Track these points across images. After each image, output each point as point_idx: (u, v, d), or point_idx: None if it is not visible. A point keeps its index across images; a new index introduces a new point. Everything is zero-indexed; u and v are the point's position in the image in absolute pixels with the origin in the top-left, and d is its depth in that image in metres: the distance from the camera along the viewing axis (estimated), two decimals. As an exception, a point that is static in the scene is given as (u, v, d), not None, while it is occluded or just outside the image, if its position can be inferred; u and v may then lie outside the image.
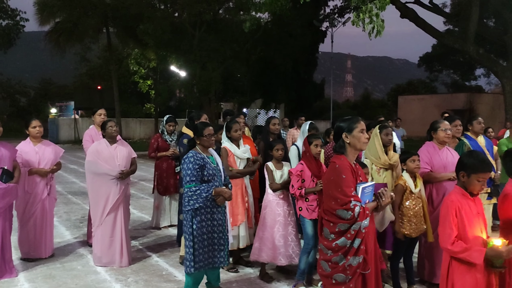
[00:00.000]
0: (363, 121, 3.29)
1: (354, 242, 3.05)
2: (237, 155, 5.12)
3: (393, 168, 4.74)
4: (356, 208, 3.00)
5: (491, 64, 16.92)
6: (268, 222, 4.81)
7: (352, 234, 3.04)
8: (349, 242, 3.05)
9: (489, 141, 6.29)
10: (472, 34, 15.68)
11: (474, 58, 17.38)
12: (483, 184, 3.01)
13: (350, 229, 3.04)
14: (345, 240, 3.05)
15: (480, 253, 2.83)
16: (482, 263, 2.86)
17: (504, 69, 16.00)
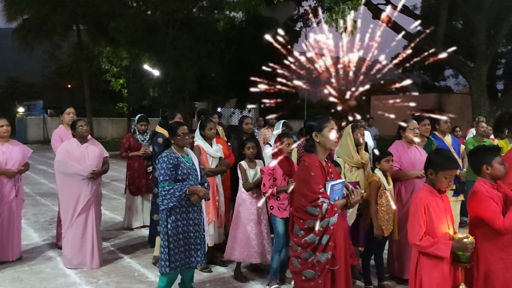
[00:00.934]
0: (334, 121, 3.34)
1: (322, 239, 3.11)
2: (210, 153, 5.11)
3: (365, 167, 4.82)
4: (324, 205, 3.07)
5: (459, 65, 17.36)
6: (242, 220, 4.82)
7: (320, 231, 3.10)
8: (317, 238, 3.11)
9: (456, 140, 6.47)
10: (441, 35, 16.05)
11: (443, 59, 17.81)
12: (450, 181, 3.11)
13: (318, 226, 3.09)
14: (314, 236, 3.11)
15: (447, 246, 2.93)
16: (449, 256, 2.94)
17: (471, 70, 16.45)
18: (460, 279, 3.05)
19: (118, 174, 13.19)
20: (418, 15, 24.75)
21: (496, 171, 3.18)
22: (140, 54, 17.91)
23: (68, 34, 24.93)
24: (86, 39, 24.71)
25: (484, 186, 3.21)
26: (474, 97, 16.06)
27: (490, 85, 23.51)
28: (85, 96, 23.64)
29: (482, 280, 3.20)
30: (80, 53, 24.59)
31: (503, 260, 3.16)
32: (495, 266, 3.17)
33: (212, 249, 5.23)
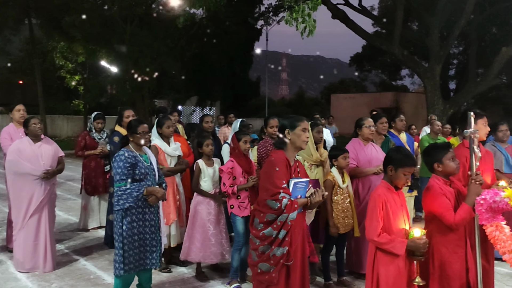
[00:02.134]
0: (307, 121, 3.43)
1: (279, 233, 3.17)
2: (168, 152, 5.01)
3: (324, 165, 4.87)
4: (284, 200, 3.13)
5: (414, 65, 17.93)
6: (199, 221, 4.76)
7: (278, 225, 3.16)
8: (275, 232, 3.17)
9: (410, 138, 6.68)
10: (397, 36, 16.51)
11: (399, 59, 18.34)
12: (407, 178, 3.20)
13: (277, 220, 3.16)
14: (272, 230, 3.17)
15: (402, 245, 3.02)
16: (404, 254, 3.02)
17: (426, 70, 17.03)
18: (415, 273, 3.14)
19: (74, 174, 12.76)
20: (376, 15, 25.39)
21: (447, 167, 3.27)
22: (97, 50, 17.38)
23: (19, 28, 23.83)
24: (39, 33, 23.68)
25: (437, 182, 3.30)
26: (428, 96, 16.65)
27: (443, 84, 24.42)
28: (38, 93, 22.73)
29: (437, 273, 3.30)
30: (33, 48, 23.56)
31: (456, 253, 3.27)
32: (449, 259, 3.27)
33: (172, 249, 5.15)
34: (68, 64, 23.20)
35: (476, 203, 2.96)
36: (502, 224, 2.88)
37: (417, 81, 37.39)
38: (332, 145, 6.46)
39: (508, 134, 5.88)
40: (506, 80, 26.76)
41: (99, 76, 20.90)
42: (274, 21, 22.09)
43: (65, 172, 6.60)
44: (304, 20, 9.31)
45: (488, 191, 2.94)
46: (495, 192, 2.89)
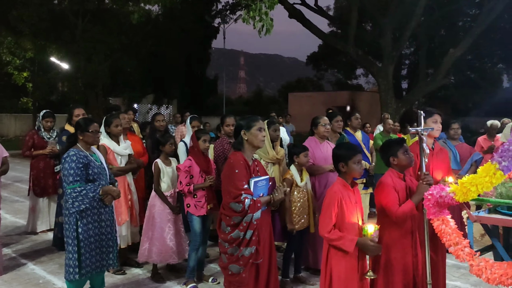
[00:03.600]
0: (262, 121, 3.45)
1: (246, 234, 3.22)
2: (117, 151, 4.87)
3: (280, 163, 4.90)
4: (246, 201, 3.17)
5: (369, 65, 18.42)
6: (158, 221, 4.68)
7: (244, 226, 3.21)
8: (242, 234, 3.21)
9: (366, 136, 6.83)
10: (352, 36, 16.90)
11: (354, 59, 18.79)
12: (360, 166, 3.28)
13: (242, 221, 3.20)
14: (239, 232, 3.21)
15: (352, 242, 3.10)
16: (352, 250, 3.10)
17: (379, 69, 17.53)
18: (366, 267, 3.22)
19: (22, 175, 12.19)
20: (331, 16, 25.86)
21: (401, 161, 3.41)
22: (47, 46, 16.69)
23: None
24: (-17, 28, 22.49)
25: (391, 176, 3.44)
26: (382, 95, 17.14)
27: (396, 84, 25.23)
28: (-17, 90, 21.60)
29: (383, 267, 3.41)
30: (-24, 43, 22.34)
31: (402, 247, 3.39)
32: (395, 253, 3.37)
33: (126, 250, 5.03)
34: (15, 60, 22.10)
35: (424, 199, 3.07)
36: (448, 218, 2.99)
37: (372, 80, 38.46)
38: (288, 143, 6.50)
39: (459, 132, 6.14)
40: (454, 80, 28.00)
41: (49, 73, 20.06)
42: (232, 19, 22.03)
43: (13, 173, 6.32)
44: (261, 19, 9.34)
45: (435, 186, 3.04)
46: (441, 187, 2.99)
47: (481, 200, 2.94)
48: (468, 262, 2.80)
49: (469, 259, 2.78)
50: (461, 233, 2.93)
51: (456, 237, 2.89)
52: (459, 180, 2.91)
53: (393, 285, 3.35)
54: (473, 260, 2.76)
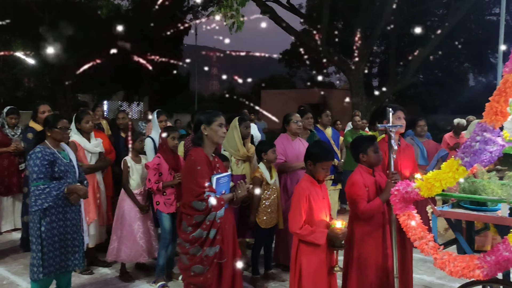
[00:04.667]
0: (223, 116, 3.37)
1: (210, 233, 3.10)
2: (88, 149, 4.78)
3: (251, 160, 4.90)
4: (210, 199, 3.06)
5: (340, 63, 18.63)
6: (127, 219, 4.61)
7: (208, 225, 3.09)
8: (205, 233, 3.10)
9: (336, 133, 6.91)
10: (323, 34, 17.03)
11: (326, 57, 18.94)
12: (326, 171, 3.32)
13: (205, 220, 3.09)
14: (201, 231, 3.09)
15: (323, 235, 3.14)
16: (325, 243, 3.14)
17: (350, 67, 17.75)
18: (334, 262, 3.27)
19: (-13, 173, 11.80)
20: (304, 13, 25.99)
21: (371, 158, 3.49)
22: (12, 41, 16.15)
23: None
24: None
25: (360, 171, 3.52)
26: (353, 93, 17.37)
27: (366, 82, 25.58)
28: None
29: (356, 261, 3.48)
30: None
31: (373, 242, 3.47)
32: (367, 248, 3.46)
33: (94, 250, 4.93)
34: (-22, 55, 21.35)
35: (391, 194, 3.13)
36: (413, 213, 3.05)
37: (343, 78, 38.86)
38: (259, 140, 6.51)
39: (425, 129, 6.29)
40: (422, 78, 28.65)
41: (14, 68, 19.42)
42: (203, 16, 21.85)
43: (-26, 171, 6.06)
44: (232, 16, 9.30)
45: (401, 182, 3.11)
46: (407, 183, 3.06)
47: (445, 195, 3.01)
48: (432, 256, 2.86)
49: (433, 253, 2.85)
50: (426, 227, 3.00)
51: (421, 232, 2.96)
52: (423, 176, 2.98)
53: (366, 278, 3.42)
54: (437, 254, 2.83)
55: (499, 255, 2.53)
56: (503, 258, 2.51)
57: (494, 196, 2.84)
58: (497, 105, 2.64)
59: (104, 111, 7.26)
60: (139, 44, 18.83)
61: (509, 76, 2.63)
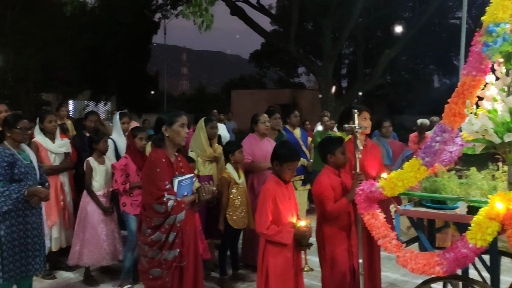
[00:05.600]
0: (185, 115, 3.30)
1: (169, 236, 3.03)
2: (50, 149, 4.65)
3: (218, 160, 4.87)
4: (169, 202, 2.98)
5: (309, 64, 18.83)
6: (90, 222, 4.52)
7: (167, 228, 3.02)
8: (163, 236, 3.02)
9: (305, 133, 6.96)
10: (293, 35, 17.16)
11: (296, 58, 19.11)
12: (293, 172, 3.34)
13: (165, 223, 3.01)
14: (160, 234, 3.02)
15: (290, 234, 3.17)
16: (291, 242, 3.16)
17: (320, 68, 17.96)
18: (302, 262, 3.28)
19: None
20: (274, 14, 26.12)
21: (338, 160, 3.54)
22: (-29, 37, 15.56)
23: None
24: None
25: (327, 173, 3.56)
26: (322, 93, 17.57)
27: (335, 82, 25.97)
28: None
29: (329, 261, 3.53)
30: None
31: (341, 242, 3.52)
32: (335, 248, 3.51)
33: (57, 254, 4.81)
34: None
35: (356, 194, 3.17)
36: (377, 212, 3.11)
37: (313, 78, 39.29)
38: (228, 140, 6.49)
39: (390, 130, 6.42)
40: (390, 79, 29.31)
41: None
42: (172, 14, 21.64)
43: None
44: (201, 15, 9.26)
45: (366, 182, 3.16)
46: (371, 183, 3.11)
47: (407, 194, 3.08)
48: (395, 254, 2.92)
49: (396, 251, 2.91)
50: (389, 226, 3.06)
51: (384, 230, 3.01)
52: (387, 176, 3.04)
53: (337, 277, 3.47)
54: (399, 252, 2.89)
55: (457, 252, 2.60)
56: (462, 254, 2.58)
57: (453, 195, 2.92)
58: (455, 106, 2.72)
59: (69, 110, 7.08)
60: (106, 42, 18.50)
61: (466, 78, 2.71)
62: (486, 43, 2.56)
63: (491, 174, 3.02)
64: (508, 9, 2.59)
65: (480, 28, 2.69)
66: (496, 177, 3.00)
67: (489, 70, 2.73)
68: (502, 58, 2.64)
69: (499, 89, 2.71)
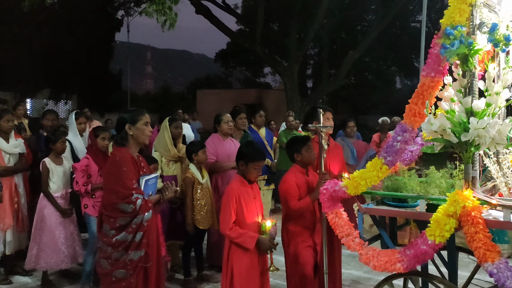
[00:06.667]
0: (148, 114, 3.25)
1: (135, 236, 3.00)
2: (5, 149, 4.48)
3: (182, 160, 4.82)
4: (138, 201, 2.97)
5: (275, 64, 18.92)
6: (48, 224, 4.38)
7: (134, 228, 2.99)
8: (130, 236, 2.98)
9: (270, 133, 6.99)
10: (259, 35, 17.19)
11: (261, 58, 19.16)
12: (258, 171, 3.34)
13: (132, 223, 2.99)
14: (126, 234, 2.98)
15: (252, 240, 3.15)
16: (253, 247, 3.16)
17: (285, 68, 18.06)
18: (267, 263, 3.28)
19: None
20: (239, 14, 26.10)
21: (304, 158, 3.60)
22: None
23: None
24: None
25: (294, 171, 3.61)
26: (288, 93, 17.70)
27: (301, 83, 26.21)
28: None
29: (293, 258, 3.56)
30: None
31: (305, 241, 3.56)
32: (299, 246, 3.54)
33: (12, 258, 4.63)
34: None
35: (320, 193, 3.20)
36: (341, 211, 3.15)
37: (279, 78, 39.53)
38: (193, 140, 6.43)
39: (355, 130, 6.54)
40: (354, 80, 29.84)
41: None
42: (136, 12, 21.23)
43: None
44: (165, 13, 9.14)
45: (330, 181, 3.19)
46: (335, 182, 3.15)
47: (370, 193, 3.13)
48: (358, 252, 2.96)
49: (358, 249, 2.95)
50: (352, 224, 3.10)
51: (347, 229, 3.05)
52: (350, 175, 3.08)
53: (301, 274, 3.50)
54: (362, 250, 2.93)
55: (417, 249, 2.67)
56: (421, 251, 2.64)
57: (413, 193, 2.99)
58: (415, 107, 2.78)
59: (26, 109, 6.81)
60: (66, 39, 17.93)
61: (425, 79, 2.78)
62: (444, 45, 2.63)
63: (449, 172, 3.12)
64: (465, 12, 2.68)
65: (438, 31, 2.76)
66: (454, 176, 3.10)
67: (447, 71, 2.81)
68: (459, 60, 2.72)
69: (456, 90, 2.80)
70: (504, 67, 3.07)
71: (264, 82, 43.17)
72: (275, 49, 25.13)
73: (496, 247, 2.50)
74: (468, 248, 2.76)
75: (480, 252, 2.48)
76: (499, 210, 2.67)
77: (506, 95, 2.81)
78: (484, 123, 2.55)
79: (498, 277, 2.42)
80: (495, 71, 2.85)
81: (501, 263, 2.44)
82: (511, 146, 2.79)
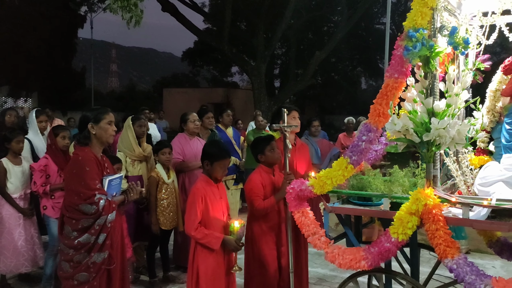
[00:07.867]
0: (112, 113, 3.17)
1: (99, 238, 2.92)
2: (-42, 150, 4.27)
3: (148, 160, 4.74)
4: (101, 202, 2.90)
5: (242, 63, 18.91)
6: (7, 227, 4.24)
7: (97, 230, 2.92)
8: (93, 238, 2.91)
9: (237, 132, 6.98)
10: (226, 34, 17.14)
11: (229, 57, 19.10)
12: (224, 170, 3.31)
13: (95, 224, 2.91)
14: (89, 236, 2.90)
15: (217, 240, 3.13)
16: (219, 248, 3.13)
17: (253, 68, 18.09)
18: (233, 262, 3.27)
19: None
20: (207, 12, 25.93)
21: (268, 158, 3.61)
22: None
23: None
24: None
25: (260, 171, 3.62)
26: (255, 93, 17.73)
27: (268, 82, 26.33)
28: None
29: (256, 259, 3.56)
30: None
31: (270, 241, 3.59)
32: (264, 246, 3.56)
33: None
34: None
35: (287, 193, 3.21)
36: (307, 210, 3.17)
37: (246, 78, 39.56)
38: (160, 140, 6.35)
39: (319, 129, 6.61)
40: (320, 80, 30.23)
41: None
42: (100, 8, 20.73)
43: None
44: (130, 10, 8.97)
45: (296, 181, 3.20)
46: (301, 181, 3.16)
47: (335, 192, 3.16)
48: (324, 250, 2.99)
49: (324, 247, 2.98)
50: (318, 223, 3.13)
51: (314, 228, 3.07)
52: (316, 174, 3.10)
53: (265, 275, 3.52)
54: (327, 248, 2.96)
55: (381, 246, 2.72)
56: (385, 248, 2.70)
57: (378, 191, 3.04)
58: (379, 107, 2.83)
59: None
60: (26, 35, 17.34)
61: (389, 80, 2.84)
62: (406, 47, 2.69)
63: (411, 171, 3.19)
64: (427, 15, 2.74)
65: (401, 33, 2.82)
66: (416, 174, 3.17)
67: (409, 73, 2.88)
68: (420, 62, 2.79)
69: (418, 91, 2.87)
70: (463, 69, 3.19)
71: (231, 81, 43.06)
72: (243, 49, 25.13)
73: (455, 243, 2.58)
74: (429, 245, 2.84)
75: (441, 248, 2.55)
76: (458, 208, 2.75)
77: (465, 96, 2.91)
78: (444, 123, 2.63)
79: (457, 272, 2.50)
80: (454, 73, 2.94)
81: (460, 259, 2.52)
82: (469, 145, 2.88)
